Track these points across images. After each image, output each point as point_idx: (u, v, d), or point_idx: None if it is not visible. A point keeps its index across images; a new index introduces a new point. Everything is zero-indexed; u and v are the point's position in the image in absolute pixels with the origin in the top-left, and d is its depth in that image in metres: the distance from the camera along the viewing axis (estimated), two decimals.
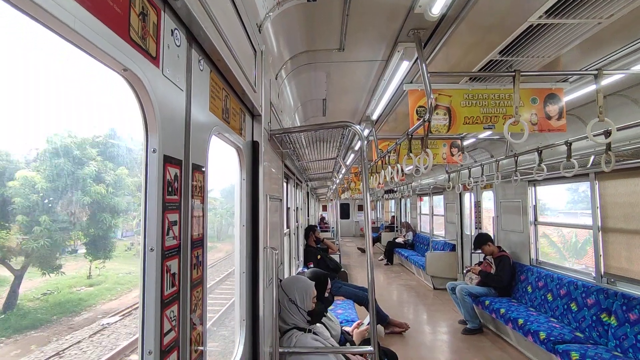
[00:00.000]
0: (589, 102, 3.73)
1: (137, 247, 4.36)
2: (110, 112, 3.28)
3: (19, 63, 1.45)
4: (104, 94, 2.22)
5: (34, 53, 1.32)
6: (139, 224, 0.94)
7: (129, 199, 6.40)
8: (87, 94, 2.02)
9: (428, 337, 5.36)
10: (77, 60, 1.05)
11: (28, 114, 2.10)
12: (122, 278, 7.45)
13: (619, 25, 2.31)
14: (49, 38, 0.64)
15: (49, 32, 0.63)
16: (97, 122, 4.56)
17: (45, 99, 2.09)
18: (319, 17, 2.50)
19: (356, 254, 14.15)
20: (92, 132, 5.46)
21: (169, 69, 1.01)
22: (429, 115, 2.50)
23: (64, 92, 2.06)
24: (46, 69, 1.62)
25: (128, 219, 7.08)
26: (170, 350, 0.99)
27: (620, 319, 3.57)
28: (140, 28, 0.86)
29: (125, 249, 7.64)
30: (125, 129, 5.29)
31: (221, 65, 1.43)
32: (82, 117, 3.97)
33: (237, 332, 1.90)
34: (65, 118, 2.92)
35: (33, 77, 1.73)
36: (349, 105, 4.64)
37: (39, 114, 2.29)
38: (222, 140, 1.64)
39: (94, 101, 2.17)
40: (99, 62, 0.77)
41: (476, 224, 7.39)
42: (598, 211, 4.18)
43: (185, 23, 1.12)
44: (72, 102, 2.32)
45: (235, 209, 1.98)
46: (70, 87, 1.95)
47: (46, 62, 1.44)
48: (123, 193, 6.14)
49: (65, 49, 0.70)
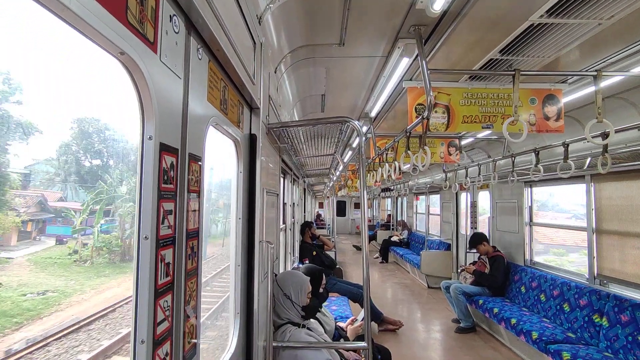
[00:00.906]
0: (587, 104, 3.74)
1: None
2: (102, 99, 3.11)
3: (10, 42, 1.41)
4: (99, 79, 2.16)
5: (26, 32, 1.29)
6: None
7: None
8: (81, 77, 1.98)
9: (421, 335, 5.39)
10: (72, 43, 1.03)
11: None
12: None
13: (620, 26, 2.31)
14: (43, 16, 0.62)
15: (42, 10, 0.62)
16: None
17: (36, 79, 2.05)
18: (319, 10, 2.49)
19: (351, 251, 14.18)
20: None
21: (166, 56, 0.99)
22: (428, 112, 2.50)
23: (55, 73, 2.02)
24: (39, 49, 1.58)
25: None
26: (163, 340, 0.98)
27: (612, 320, 3.60)
28: (138, 12, 0.85)
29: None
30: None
31: (220, 55, 1.41)
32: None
33: (231, 325, 1.89)
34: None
35: (24, 58, 1.69)
36: (347, 102, 4.63)
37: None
38: (220, 131, 1.63)
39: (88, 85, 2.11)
40: (95, 45, 0.76)
41: (472, 223, 7.42)
42: (593, 213, 4.21)
43: (185, 10, 1.11)
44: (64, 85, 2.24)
45: (232, 201, 1.97)
46: (65, 70, 1.92)
47: (39, 42, 1.41)
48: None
49: (60, 29, 0.68)
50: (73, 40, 0.77)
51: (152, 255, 0.92)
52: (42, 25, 1.13)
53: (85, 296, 4.98)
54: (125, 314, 4.91)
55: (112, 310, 4.95)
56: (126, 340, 4.38)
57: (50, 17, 0.63)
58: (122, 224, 6.04)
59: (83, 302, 4.86)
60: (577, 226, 4.93)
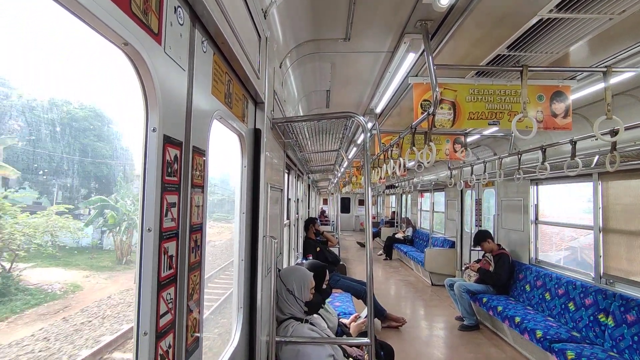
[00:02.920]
0: (595, 101, 3.69)
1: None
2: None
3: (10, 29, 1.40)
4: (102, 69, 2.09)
5: (28, 20, 1.28)
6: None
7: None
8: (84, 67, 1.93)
9: (425, 333, 5.38)
10: (74, 32, 1.02)
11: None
12: None
13: (630, 21, 2.26)
14: (48, 5, 0.62)
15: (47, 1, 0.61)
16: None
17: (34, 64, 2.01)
18: (325, 5, 2.47)
19: (355, 248, 14.18)
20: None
21: (171, 47, 0.99)
22: (434, 108, 2.47)
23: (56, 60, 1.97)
24: (41, 38, 1.57)
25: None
26: (165, 332, 0.98)
27: (618, 319, 3.57)
28: (142, 2, 0.84)
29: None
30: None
31: (225, 48, 1.40)
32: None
33: (234, 320, 1.90)
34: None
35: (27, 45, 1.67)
36: (352, 98, 4.61)
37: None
38: (224, 125, 1.62)
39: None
40: (98, 35, 0.75)
41: (477, 221, 7.39)
42: (600, 212, 4.16)
43: (189, 1, 1.10)
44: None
45: (236, 196, 1.97)
46: (67, 57, 1.88)
47: (42, 30, 1.40)
48: None
49: (62, 18, 0.68)
50: (75, 31, 0.76)
51: (155, 247, 0.92)
52: (45, 16, 1.11)
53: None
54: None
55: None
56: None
57: (55, 6, 0.63)
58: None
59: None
60: (584, 225, 4.89)
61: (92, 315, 4.01)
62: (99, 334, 3.87)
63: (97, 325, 3.94)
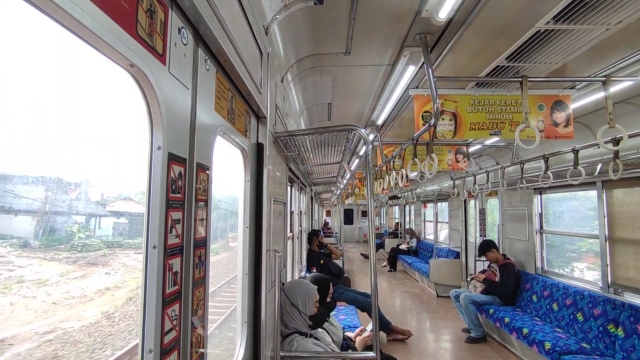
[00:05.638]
0: (596, 109, 3.70)
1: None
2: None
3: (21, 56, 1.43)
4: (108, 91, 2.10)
5: (39, 46, 1.30)
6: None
7: None
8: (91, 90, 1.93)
9: (431, 345, 5.30)
10: (82, 56, 1.02)
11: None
12: None
13: (628, 31, 2.29)
14: (56, 32, 0.64)
15: (56, 25, 0.63)
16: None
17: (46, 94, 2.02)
18: (325, 20, 2.51)
19: (359, 259, 14.08)
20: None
21: (175, 67, 1.01)
22: (435, 119, 2.49)
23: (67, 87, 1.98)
24: (51, 63, 1.59)
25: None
26: (170, 349, 0.98)
27: (628, 330, 3.50)
28: (148, 25, 0.87)
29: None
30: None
31: (227, 65, 1.43)
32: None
33: (239, 335, 1.89)
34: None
35: (35, 71, 1.69)
36: (354, 110, 4.65)
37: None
38: (227, 141, 1.64)
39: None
40: (105, 57, 0.77)
41: (481, 231, 7.34)
42: (605, 220, 4.13)
43: (193, 22, 1.13)
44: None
45: (239, 210, 1.98)
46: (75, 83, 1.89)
47: (52, 56, 1.43)
48: None
49: (71, 43, 0.70)
50: (82, 53, 0.78)
51: (160, 264, 0.93)
52: (53, 39, 1.13)
53: None
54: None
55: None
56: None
57: (63, 32, 0.65)
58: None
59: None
60: (590, 234, 4.84)
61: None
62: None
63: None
